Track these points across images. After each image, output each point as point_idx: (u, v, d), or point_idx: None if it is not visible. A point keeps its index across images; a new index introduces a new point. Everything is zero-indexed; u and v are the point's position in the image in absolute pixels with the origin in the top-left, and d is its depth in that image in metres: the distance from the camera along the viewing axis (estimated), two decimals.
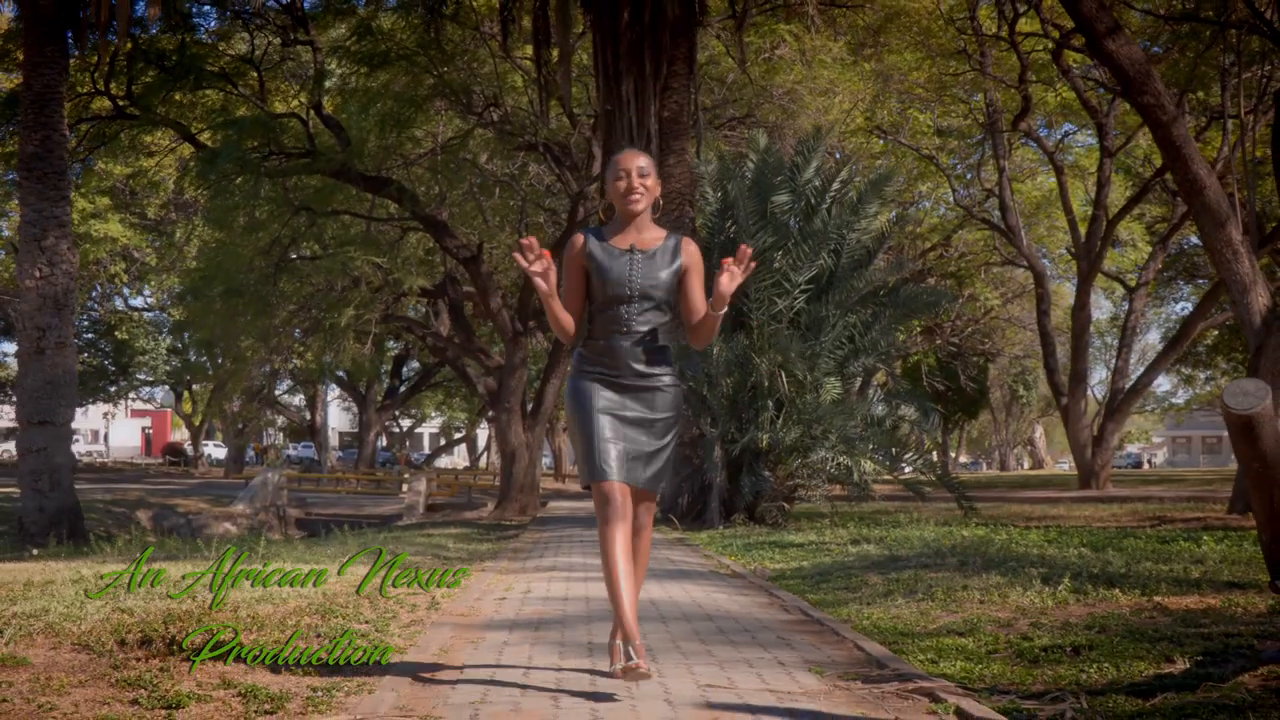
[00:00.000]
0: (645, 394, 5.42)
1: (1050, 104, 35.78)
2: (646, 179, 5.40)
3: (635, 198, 5.37)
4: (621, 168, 5.40)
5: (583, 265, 5.38)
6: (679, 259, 5.43)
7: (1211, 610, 7.13)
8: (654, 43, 20.25)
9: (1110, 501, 25.23)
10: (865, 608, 7.95)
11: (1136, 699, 4.79)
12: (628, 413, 5.38)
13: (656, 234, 5.47)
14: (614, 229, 5.45)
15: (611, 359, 5.37)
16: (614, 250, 5.37)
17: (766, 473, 18.88)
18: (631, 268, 5.33)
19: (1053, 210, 40.07)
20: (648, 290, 5.33)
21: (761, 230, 18.64)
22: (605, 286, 5.32)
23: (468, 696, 4.84)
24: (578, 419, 5.41)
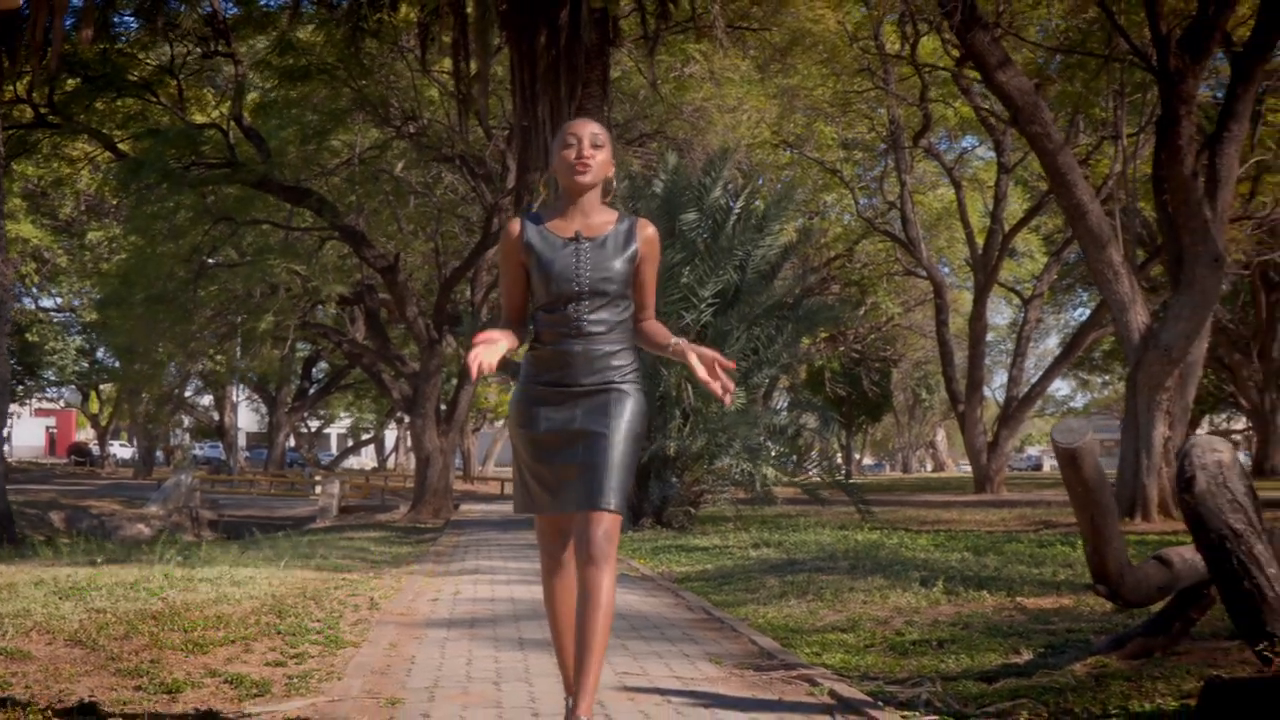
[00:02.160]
0: (600, 396, 4.54)
1: (950, 120, 37.00)
2: (599, 151, 4.59)
3: (583, 168, 4.54)
4: (571, 133, 4.58)
5: (520, 259, 4.60)
6: (633, 244, 4.61)
7: (1063, 609, 8.11)
8: (570, 65, 21.05)
9: (1002, 506, 26.38)
10: (761, 607, 8.85)
11: (983, 683, 5.70)
12: (575, 425, 4.52)
13: (606, 217, 4.66)
14: (556, 211, 4.65)
15: (563, 367, 4.53)
16: (556, 239, 4.56)
17: (674, 479, 19.77)
18: (578, 259, 4.52)
19: (952, 222, 41.28)
20: (599, 285, 4.52)
21: (670, 247, 19.50)
22: (549, 283, 4.50)
23: (422, 682, 5.73)
24: (515, 439, 4.68)
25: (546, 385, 4.57)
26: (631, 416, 4.57)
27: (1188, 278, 18.07)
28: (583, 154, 4.55)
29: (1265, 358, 45.26)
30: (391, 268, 28.69)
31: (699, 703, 5.23)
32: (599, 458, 4.46)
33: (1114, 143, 30.30)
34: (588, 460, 4.47)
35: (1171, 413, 19.07)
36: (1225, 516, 5.01)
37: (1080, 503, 5.56)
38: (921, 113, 33.21)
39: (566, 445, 4.52)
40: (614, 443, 4.48)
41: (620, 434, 4.51)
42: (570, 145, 4.56)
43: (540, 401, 4.58)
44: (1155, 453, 18.63)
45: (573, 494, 4.46)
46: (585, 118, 4.83)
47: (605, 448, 4.47)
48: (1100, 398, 73.92)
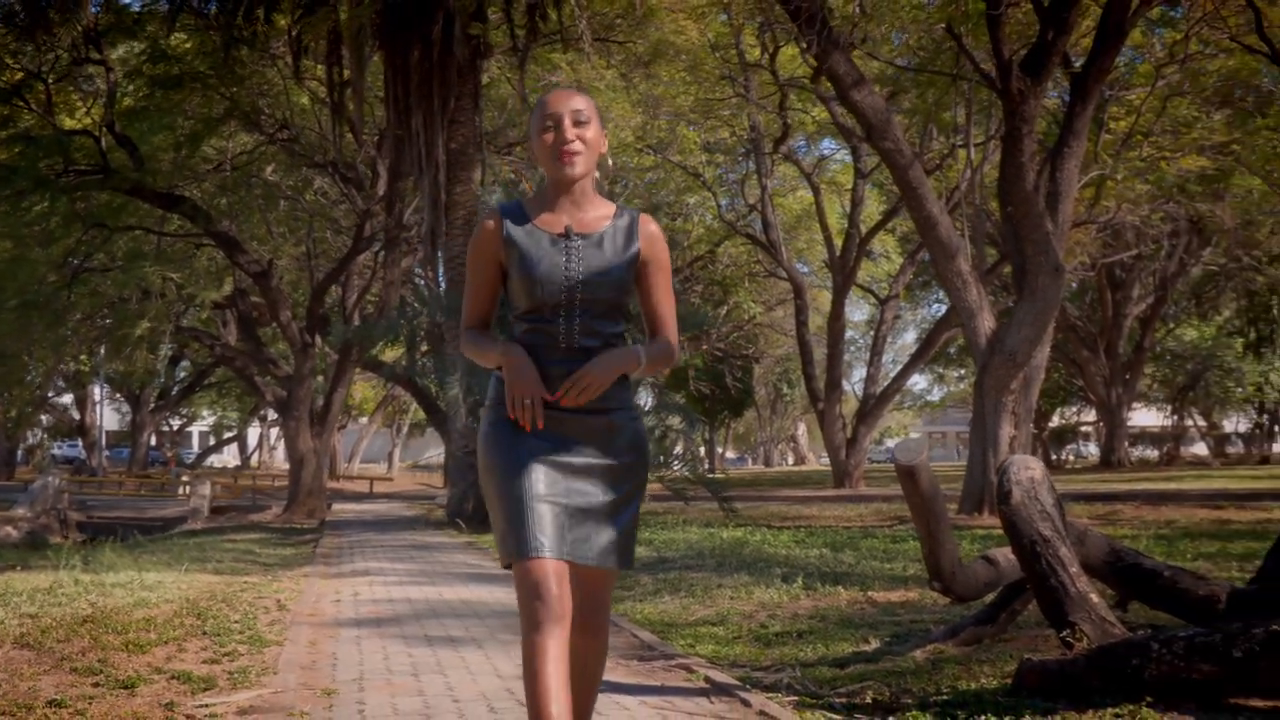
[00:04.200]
0: (597, 430, 3.84)
1: (809, 126, 38.11)
2: (586, 129, 3.84)
3: (571, 153, 3.81)
4: (550, 112, 3.84)
5: (497, 258, 3.89)
6: (634, 244, 3.92)
7: (909, 602, 9.06)
8: (443, 79, 21.73)
9: (860, 501, 27.43)
10: (638, 604, 9.67)
11: (836, 669, 6.56)
12: (574, 459, 3.81)
13: (602, 210, 3.95)
14: (540, 204, 3.92)
15: (552, 384, 3.78)
16: (542, 235, 3.85)
17: None
18: (569, 259, 3.82)
19: (811, 224, 42.37)
20: (593, 291, 3.82)
21: None
22: (533, 287, 3.79)
23: (349, 675, 6.48)
24: (496, 471, 3.82)
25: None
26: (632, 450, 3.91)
27: (1030, 286, 19.15)
28: (565, 138, 3.80)
29: (1111, 354, 47.02)
30: (265, 273, 29.10)
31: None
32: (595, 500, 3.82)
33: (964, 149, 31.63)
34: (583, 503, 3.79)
35: (1016, 413, 20.22)
36: (1036, 525, 5.94)
37: (918, 512, 6.47)
38: (781, 120, 34.23)
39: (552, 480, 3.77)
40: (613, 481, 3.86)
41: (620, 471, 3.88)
42: (549, 128, 3.84)
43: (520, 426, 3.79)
44: (1001, 452, 19.71)
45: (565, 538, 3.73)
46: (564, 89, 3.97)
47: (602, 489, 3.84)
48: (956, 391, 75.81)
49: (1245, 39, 27.09)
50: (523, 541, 3.67)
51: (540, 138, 3.88)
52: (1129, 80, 31.50)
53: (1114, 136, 31.55)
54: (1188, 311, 54.71)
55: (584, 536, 3.79)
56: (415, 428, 76.13)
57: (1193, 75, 31.70)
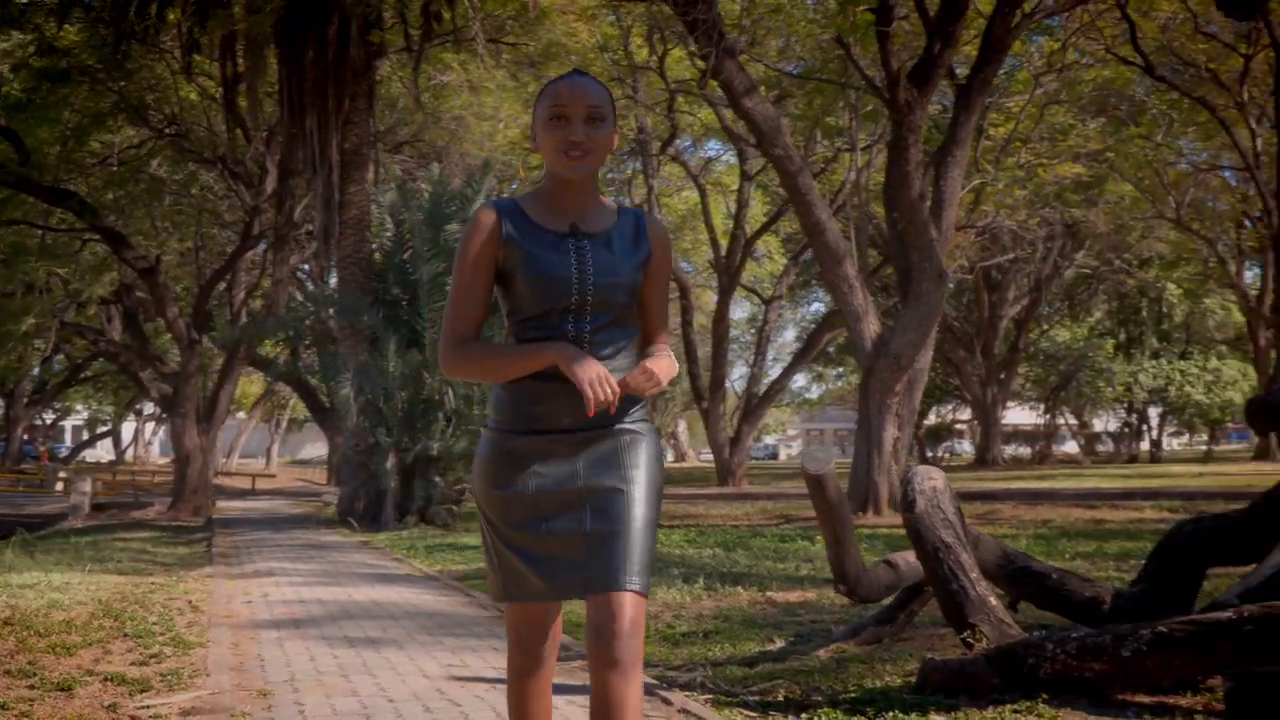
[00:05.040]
0: (606, 443, 3.53)
1: (696, 128, 38.54)
2: (600, 128, 3.48)
3: (580, 154, 3.46)
4: (558, 105, 3.46)
5: (494, 258, 3.52)
6: (644, 245, 3.62)
7: (808, 603, 9.42)
8: (338, 79, 21.82)
9: (745, 499, 27.88)
10: None
11: (745, 668, 6.88)
12: (579, 482, 3.48)
13: (604, 208, 3.63)
14: (540, 201, 3.58)
15: (554, 407, 3.48)
16: (546, 234, 3.52)
17: (437, 478, 20.75)
18: (579, 261, 3.50)
19: (697, 224, 42.81)
20: (606, 295, 3.50)
21: (435, 257, 20.47)
22: (538, 291, 3.45)
23: (280, 676, 6.69)
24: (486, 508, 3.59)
25: (531, 433, 3.50)
26: (650, 465, 3.57)
27: (915, 292, 19.65)
28: (575, 139, 3.44)
29: (987, 354, 48.00)
30: (152, 269, 28.94)
31: None
32: (617, 523, 3.44)
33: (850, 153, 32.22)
34: (601, 527, 3.44)
35: (900, 415, 20.73)
36: (939, 532, 6.31)
37: (824, 518, 6.82)
38: (669, 122, 34.61)
39: (565, 509, 3.47)
40: (634, 500, 3.47)
41: (641, 489, 3.51)
42: (557, 125, 3.46)
43: (523, 455, 3.52)
44: (885, 452, 20.22)
45: (578, 573, 3.42)
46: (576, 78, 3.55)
47: (623, 509, 3.46)
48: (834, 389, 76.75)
49: (1120, 50, 27.98)
50: (506, 585, 3.54)
51: (547, 128, 3.48)
52: (1008, 88, 32.28)
53: (993, 143, 32.32)
54: (1061, 313, 55.94)
55: (593, 563, 3.38)
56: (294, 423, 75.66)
57: (1069, 84, 32.62)
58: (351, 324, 21.30)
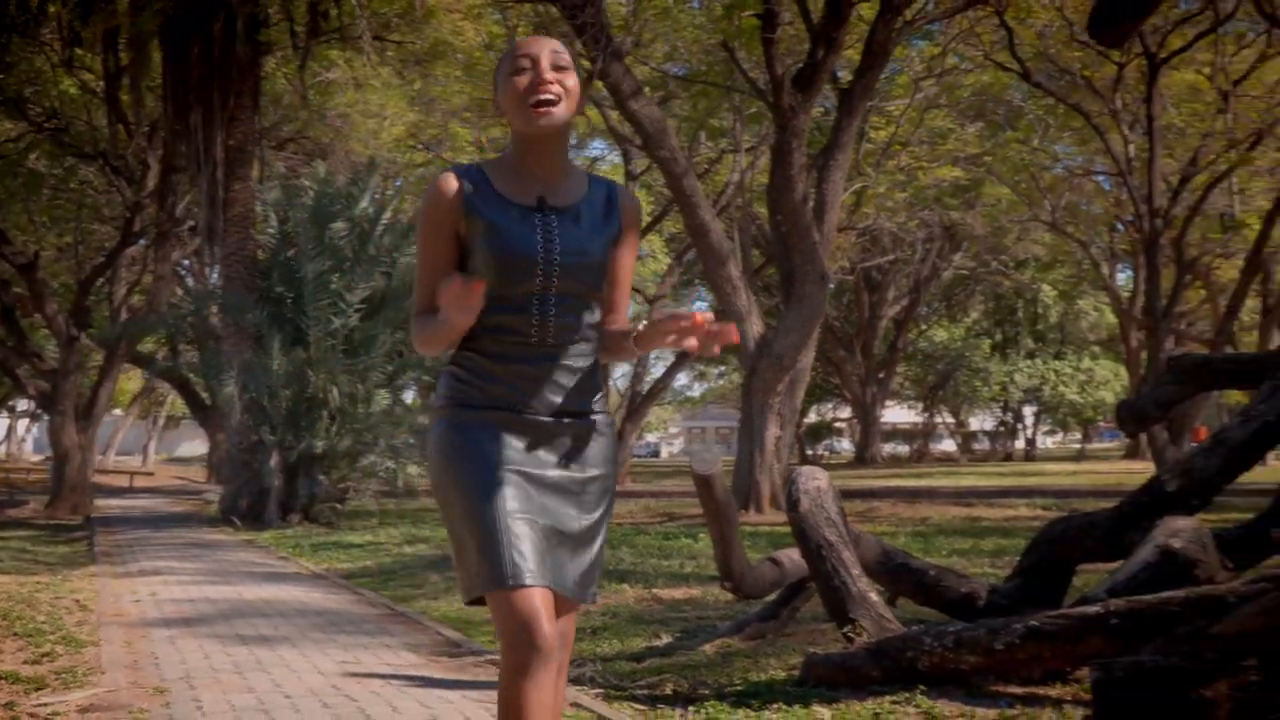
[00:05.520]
0: (571, 440, 3.35)
1: (581, 128, 38.66)
2: (566, 74, 3.27)
3: (549, 98, 3.22)
4: (524, 53, 3.27)
5: (455, 229, 3.28)
6: (615, 219, 3.41)
7: (693, 599, 9.62)
8: (223, 76, 21.69)
9: (629, 497, 28.05)
10: (433, 602, 10.05)
11: (634, 663, 7.06)
12: (546, 472, 3.29)
13: (576, 179, 3.41)
14: (504, 169, 3.34)
15: (516, 386, 3.28)
16: (510, 205, 3.27)
17: (321, 476, 20.72)
18: (546, 235, 3.26)
19: None
20: (573, 274, 3.28)
21: (320, 255, 20.43)
22: (502, 266, 3.22)
23: (175, 674, 6.75)
24: (461, 486, 3.23)
25: (491, 410, 3.29)
26: (612, 465, 3.46)
27: (797, 293, 19.94)
28: (543, 79, 3.21)
29: (867, 354, 48.61)
30: (30, 265, 28.53)
31: (416, 684, 6.43)
32: (597, 529, 3.39)
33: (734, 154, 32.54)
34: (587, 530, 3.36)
35: (782, 414, 21.02)
36: (822, 531, 6.52)
37: (712, 517, 7.02)
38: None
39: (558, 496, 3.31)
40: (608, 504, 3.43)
41: (612, 492, 3.46)
42: (523, 70, 3.25)
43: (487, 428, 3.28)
44: (768, 451, 20.50)
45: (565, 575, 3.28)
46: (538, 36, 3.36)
47: (603, 513, 3.40)
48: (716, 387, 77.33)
49: (998, 56, 28.53)
50: (502, 569, 3.09)
51: (510, 82, 3.25)
52: (889, 92, 32.77)
53: (875, 146, 32.81)
54: (939, 313, 56.80)
55: (559, 563, 3.25)
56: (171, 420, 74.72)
57: (949, 89, 33.21)
58: (236, 321, 21.20)
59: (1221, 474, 6.87)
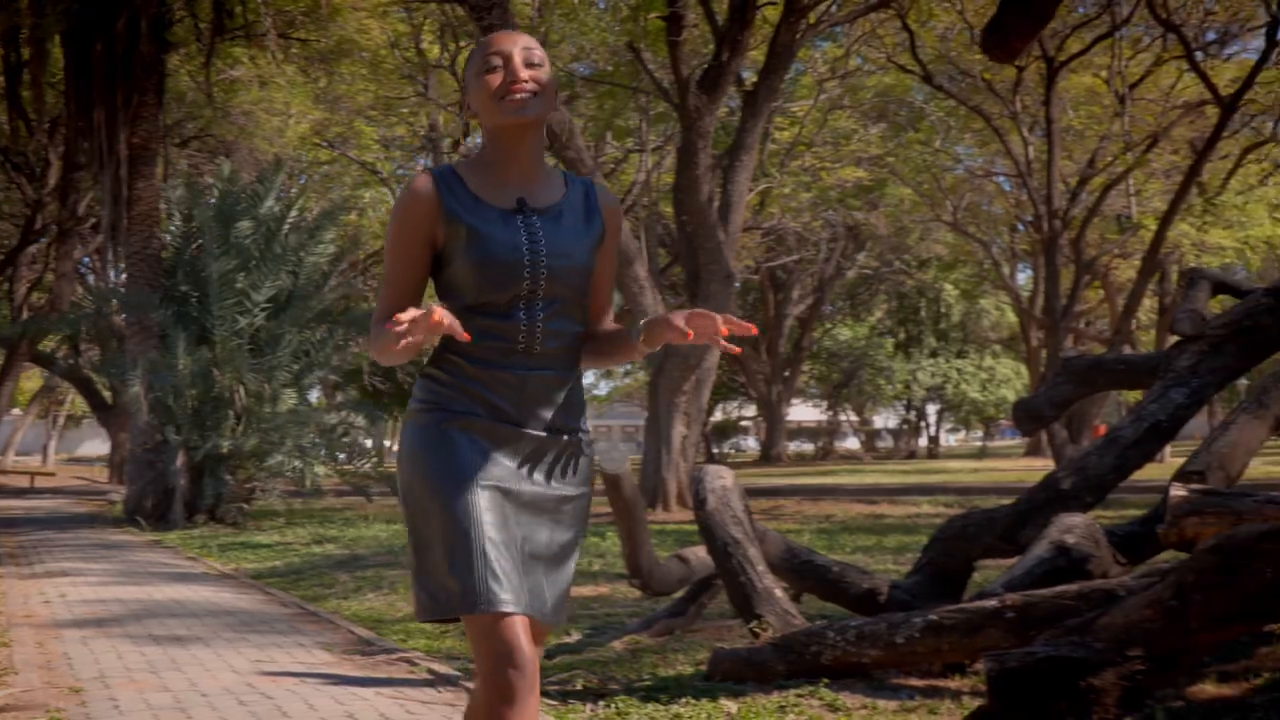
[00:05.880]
0: (554, 456, 3.21)
1: None
2: (540, 70, 3.13)
3: (521, 98, 3.08)
4: (495, 50, 3.13)
5: (431, 236, 3.14)
6: (597, 220, 3.28)
7: (601, 597, 9.76)
8: (127, 74, 21.53)
9: None
10: (344, 601, 10.12)
11: (544, 659, 7.19)
12: (525, 488, 3.15)
13: (553, 179, 3.27)
14: (481, 171, 3.19)
15: (500, 395, 3.14)
16: (490, 210, 3.13)
17: (227, 476, 20.62)
18: (531, 237, 3.14)
19: None
20: (559, 278, 3.16)
21: (225, 254, 20.35)
22: (486, 276, 3.09)
23: (90, 674, 6.80)
24: (436, 497, 3.06)
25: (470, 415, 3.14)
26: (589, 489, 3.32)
27: (703, 293, 20.12)
28: (517, 77, 3.08)
29: (772, 352, 48.92)
30: None
31: (330, 682, 6.52)
32: (571, 549, 3.25)
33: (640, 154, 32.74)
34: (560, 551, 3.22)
35: (689, 413, 21.21)
36: (729, 529, 6.69)
37: (620, 515, 7.16)
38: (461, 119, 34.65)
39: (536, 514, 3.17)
40: (582, 525, 3.30)
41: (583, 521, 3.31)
42: (495, 68, 3.11)
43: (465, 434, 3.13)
44: (675, 450, 20.68)
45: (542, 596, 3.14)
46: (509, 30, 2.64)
47: (577, 534, 3.27)
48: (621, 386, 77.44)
49: (900, 58, 28.93)
50: (481, 591, 2.94)
51: (481, 80, 3.11)
52: (793, 93, 33.09)
53: (779, 147, 33.13)
54: (843, 312, 57.29)
55: (536, 585, 3.10)
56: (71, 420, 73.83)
57: (852, 90, 33.58)
58: (140, 320, 21.06)
59: (1114, 472, 7.11)
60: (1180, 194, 27.84)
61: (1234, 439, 6.80)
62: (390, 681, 6.55)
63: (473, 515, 3.01)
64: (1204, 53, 29.73)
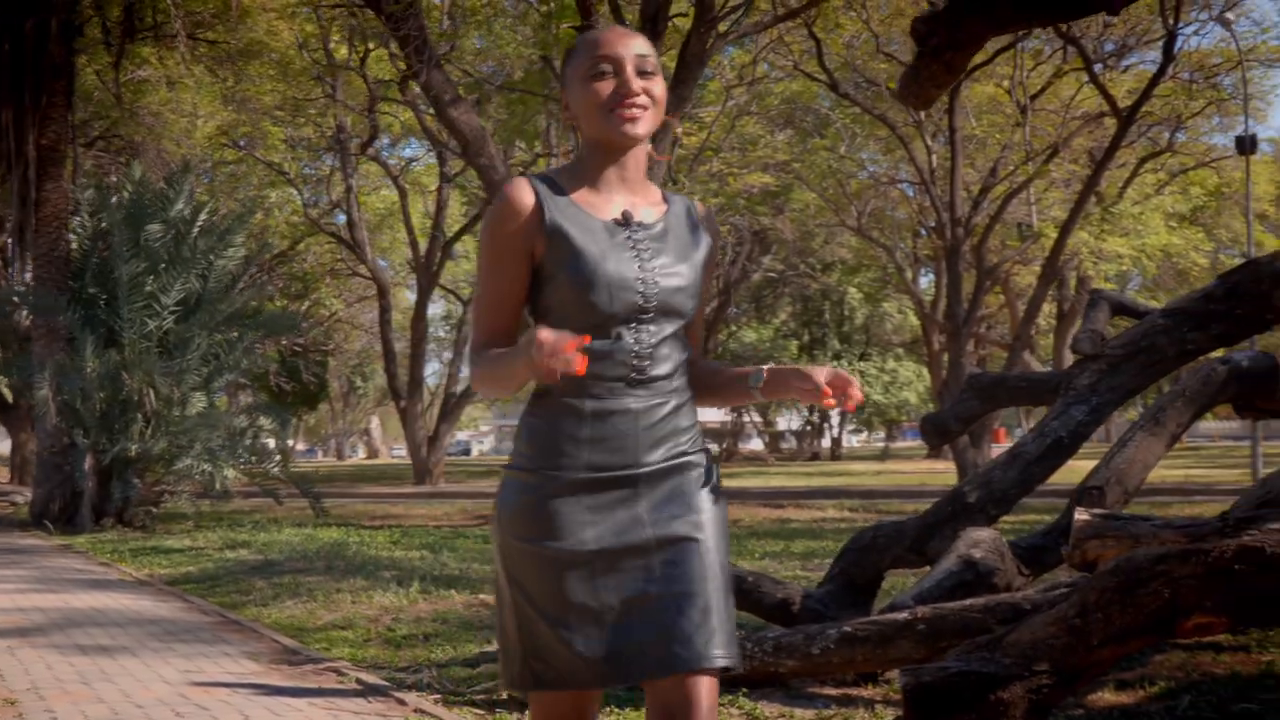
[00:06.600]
0: (671, 480, 2.91)
1: (396, 128, 38.71)
2: (653, 81, 2.89)
3: (636, 109, 2.86)
4: (605, 54, 2.88)
5: (531, 249, 2.87)
6: (702, 240, 3.05)
7: None
8: (35, 76, 21.42)
9: (444, 498, 28.34)
10: (263, 609, 10.21)
11: (468, 668, 7.37)
12: (645, 532, 2.85)
13: (654, 193, 3.03)
14: (581, 180, 2.95)
15: (611, 438, 2.86)
16: (594, 221, 2.88)
17: (135, 480, 20.55)
18: (640, 255, 2.89)
19: (396, 223, 42.97)
20: (670, 301, 2.90)
21: (135, 257, 20.30)
22: (596, 296, 2.82)
23: (22, 685, 6.90)
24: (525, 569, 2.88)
25: (577, 474, 2.86)
26: (721, 504, 3.00)
27: None
28: (630, 90, 2.84)
29: None
30: None
31: (261, 693, 6.66)
32: (693, 581, 2.83)
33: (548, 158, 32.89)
34: (676, 588, 2.82)
35: None
36: None
37: None
38: (370, 122, 34.71)
39: (628, 567, 2.84)
40: (709, 549, 2.88)
41: (716, 536, 2.92)
42: (603, 74, 2.87)
43: (573, 501, 2.85)
44: None
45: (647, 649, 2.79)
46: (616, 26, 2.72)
47: (699, 562, 2.85)
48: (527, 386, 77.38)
49: (807, 66, 29.34)
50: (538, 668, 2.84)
51: (588, 87, 2.88)
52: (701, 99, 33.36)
53: (687, 152, 33.39)
54: (748, 315, 57.73)
55: (671, 634, 2.77)
56: None
57: (759, 97, 33.94)
58: (48, 323, 20.96)
59: (1018, 486, 7.40)
60: (1079, 203, 28.48)
61: (1131, 456, 7.11)
62: (320, 692, 6.71)
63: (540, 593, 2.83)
64: (1103, 65, 30.34)
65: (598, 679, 2.81)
